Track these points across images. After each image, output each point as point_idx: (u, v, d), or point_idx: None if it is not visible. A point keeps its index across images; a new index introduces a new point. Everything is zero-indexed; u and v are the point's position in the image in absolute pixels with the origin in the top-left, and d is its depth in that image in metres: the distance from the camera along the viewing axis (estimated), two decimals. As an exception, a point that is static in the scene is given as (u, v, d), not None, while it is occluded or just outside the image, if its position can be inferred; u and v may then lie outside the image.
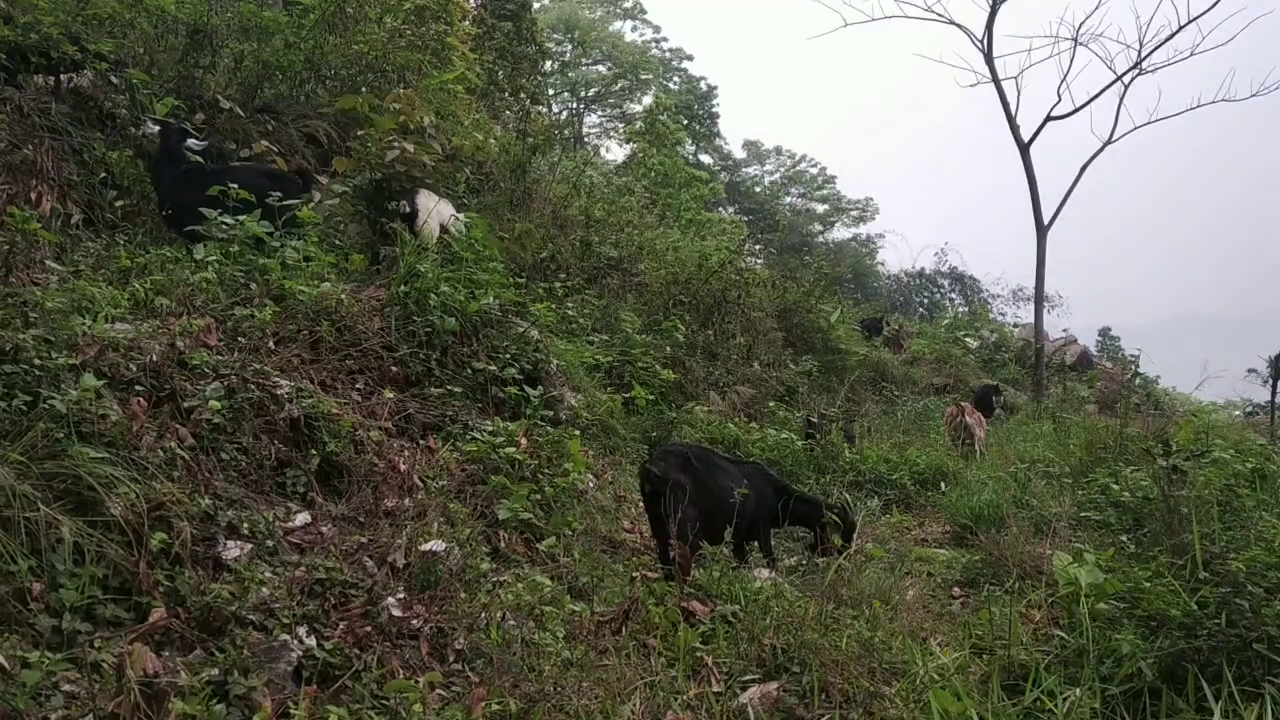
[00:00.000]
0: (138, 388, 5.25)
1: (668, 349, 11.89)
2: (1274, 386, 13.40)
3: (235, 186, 7.56)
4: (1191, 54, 18.74)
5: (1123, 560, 6.33)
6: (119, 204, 8.53)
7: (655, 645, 5.32)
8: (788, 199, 53.86)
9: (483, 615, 4.98)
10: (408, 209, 8.41)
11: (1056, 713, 4.63)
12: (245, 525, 4.91)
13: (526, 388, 7.75)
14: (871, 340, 20.58)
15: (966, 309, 34.00)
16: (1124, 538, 7.06)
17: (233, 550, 4.74)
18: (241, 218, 7.30)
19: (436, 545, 5.40)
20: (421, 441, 6.75)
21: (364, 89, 10.47)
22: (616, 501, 8.27)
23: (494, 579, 5.55)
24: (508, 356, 7.88)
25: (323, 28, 10.98)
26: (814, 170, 54.24)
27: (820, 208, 53.99)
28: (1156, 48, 19.03)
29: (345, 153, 9.16)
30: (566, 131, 39.42)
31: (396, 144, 8.68)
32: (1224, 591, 5.15)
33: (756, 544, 7.42)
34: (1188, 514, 6.14)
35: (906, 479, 10.57)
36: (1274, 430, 11.19)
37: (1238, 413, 20.34)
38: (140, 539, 4.32)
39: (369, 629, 4.62)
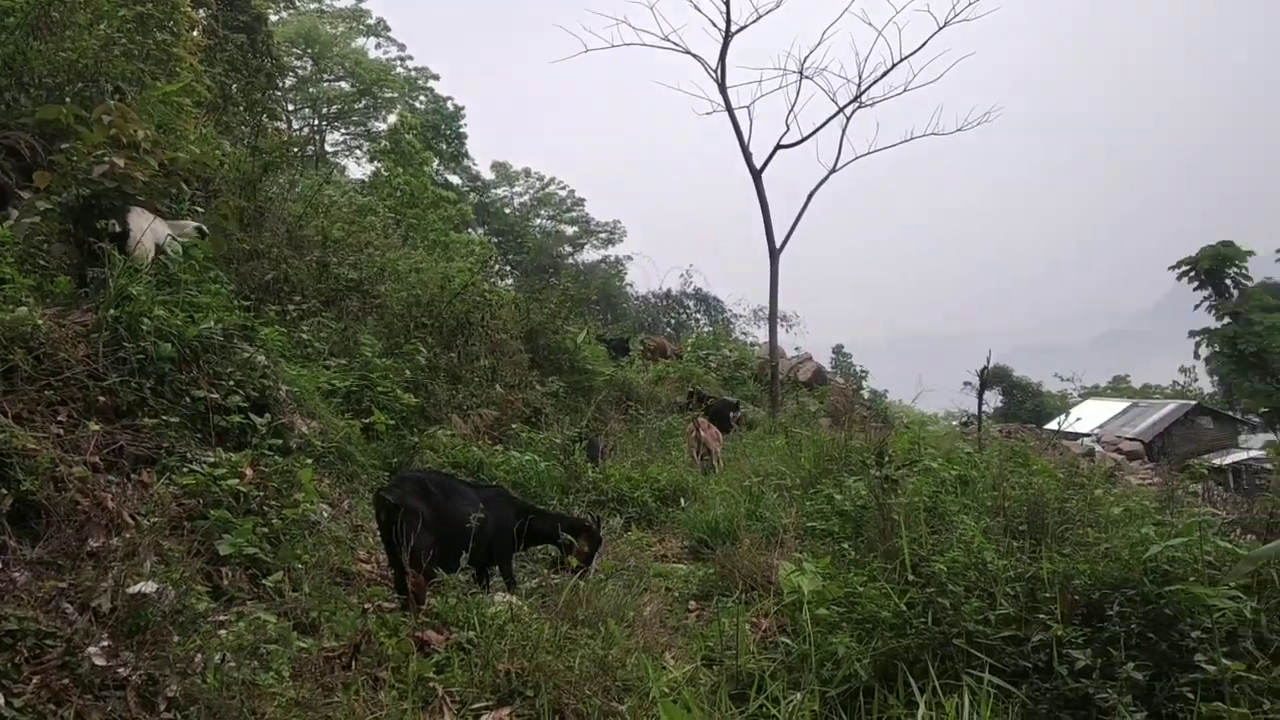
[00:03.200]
0: None
1: (408, 372, 11.65)
2: (980, 398, 14.49)
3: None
4: (905, 90, 20.19)
5: (842, 567, 6.67)
6: None
7: (387, 678, 5.17)
8: (537, 221, 54.19)
9: (198, 658, 4.69)
10: (118, 228, 7.85)
11: (779, 717, 4.82)
12: (-81, 576, 4.44)
13: (253, 416, 7.40)
14: (618, 360, 20.91)
15: (710, 329, 35.14)
16: (845, 545, 7.43)
17: (-97, 605, 4.27)
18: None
19: (147, 586, 5.04)
20: (134, 476, 6.31)
21: (69, 99, 9.68)
22: (353, 531, 8.01)
23: (214, 619, 5.26)
24: (232, 383, 7.50)
25: (25, 31, 10.14)
26: (563, 192, 54.87)
27: (570, 230, 54.61)
28: (873, 83, 20.44)
29: (49, 167, 8.45)
30: (308, 149, 38.18)
31: (106, 158, 8.11)
32: (929, 592, 5.51)
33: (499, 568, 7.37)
34: (899, 520, 6.50)
35: (648, 496, 10.77)
36: (980, 439, 12.08)
37: (954, 423, 21.93)
38: None
39: (66, 681, 4.26)
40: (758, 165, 20.15)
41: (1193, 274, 40.49)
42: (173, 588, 5.17)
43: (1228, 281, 40.03)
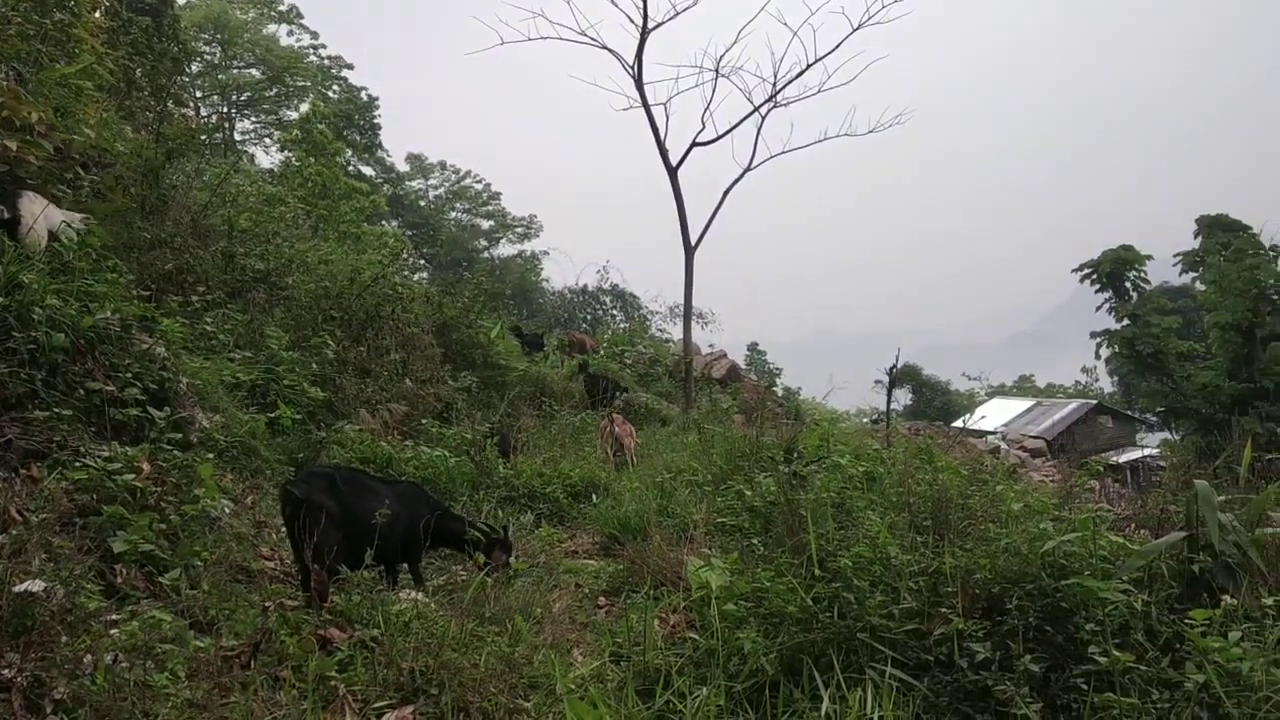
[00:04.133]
0: None
1: (315, 366, 11.44)
2: (889, 395, 14.73)
3: None
4: (819, 90, 20.36)
5: (751, 562, 6.71)
6: None
7: (287, 677, 5.06)
8: (453, 214, 53.65)
9: (88, 659, 4.54)
10: (7, 214, 7.57)
11: (685, 713, 4.82)
12: None
13: (151, 409, 7.19)
14: (532, 355, 20.80)
15: (626, 325, 35.15)
16: (755, 541, 7.47)
17: None
18: None
19: (35, 585, 4.87)
20: (22, 471, 6.09)
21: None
22: (256, 527, 7.83)
23: (105, 619, 5.10)
24: (129, 375, 7.28)
25: (-88, 8, 9.74)
26: (479, 186, 54.41)
27: (486, 224, 54.19)
28: (788, 83, 20.56)
29: (-68, 148, 8.12)
30: (216, 136, 37.32)
31: (-2, 140, 7.82)
32: (835, 587, 5.56)
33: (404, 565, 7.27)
34: (807, 516, 6.56)
35: (560, 492, 10.72)
36: (889, 435, 12.27)
37: (865, 420, 22.25)
38: None
39: (-57, 686, 4.10)
40: (674, 162, 20.14)
41: (1094, 277, 41.62)
42: (62, 586, 5.00)
43: (1127, 285, 41.24)
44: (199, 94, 38.43)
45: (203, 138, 23.67)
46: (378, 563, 6.46)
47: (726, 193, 20.64)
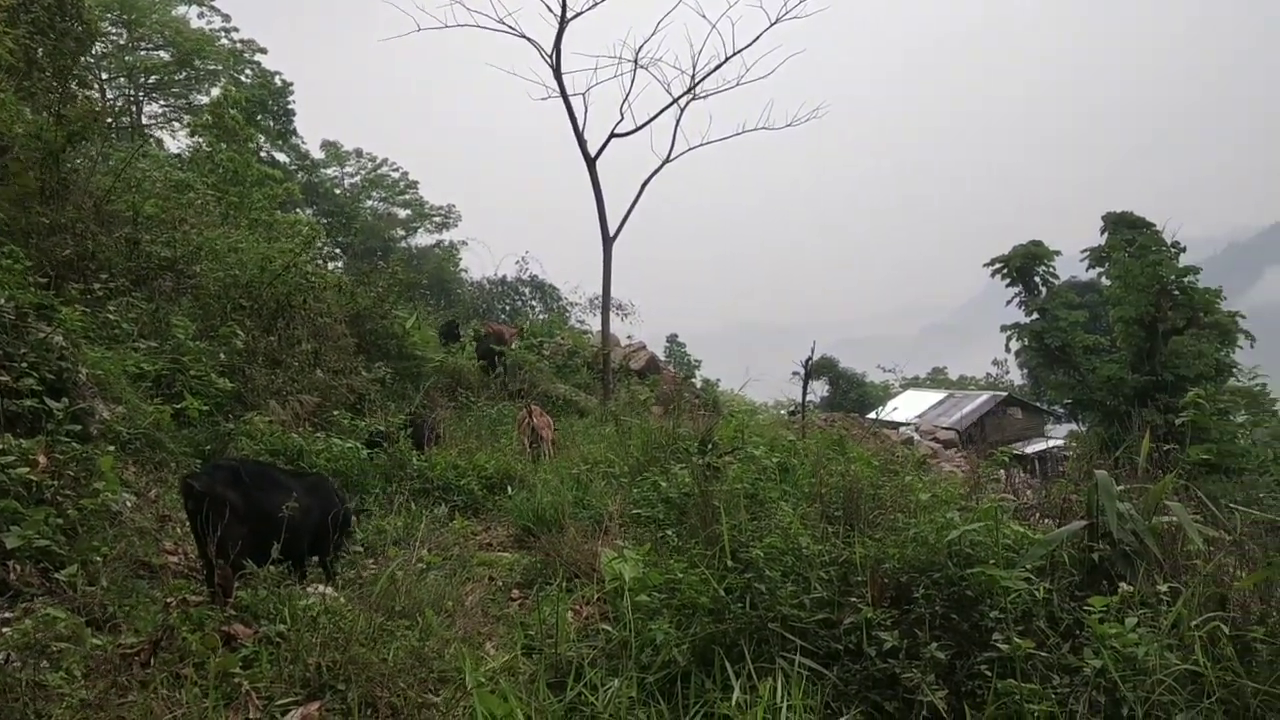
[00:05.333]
0: None
1: (224, 356, 11.17)
2: (805, 387, 14.86)
3: None
4: (738, 83, 20.47)
5: (665, 553, 6.72)
6: None
7: (189, 675, 4.93)
8: (369, 202, 52.80)
9: (-26, 660, 4.38)
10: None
11: (597, 705, 4.81)
12: None
13: (48, 400, 6.96)
14: (448, 346, 20.59)
15: (546, 316, 34.98)
16: (669, 532, 7.49)
17: None
18: None
19: (-80, 583, 4.70)
20: (-93, 464, 5.86)
21: None
22: (160, 522, 7.65)
23: (-3, 616, 4.93)
24: (24, 365, 7.04)
25: None
26: (396, 174, 53.59)
27: (402, 213, 53.44)
28: (706, 75, 20.65)
29: None
30: (123, 120, 36.25)
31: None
32: (747, 577, 5.59)
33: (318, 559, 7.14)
34: (720, 507, 6.59)
35: (475, 484, 10.63)
36: (804, 427, 12.37)
37: (782, 412, 22.45)
38: None
39: None
40: (592, 153, 20.12)
41: (1005, 271, 42.41)
42: (-52, 584, 4.83)
43: (1037, 279, 42.06)
44: (104, 76, 37.25)
45: (108, 121, 22.90)
46: (286, 557, 6.34)
47: (645, 184, 20.67)
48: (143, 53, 39.26)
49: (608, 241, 20.11)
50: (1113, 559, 5.41)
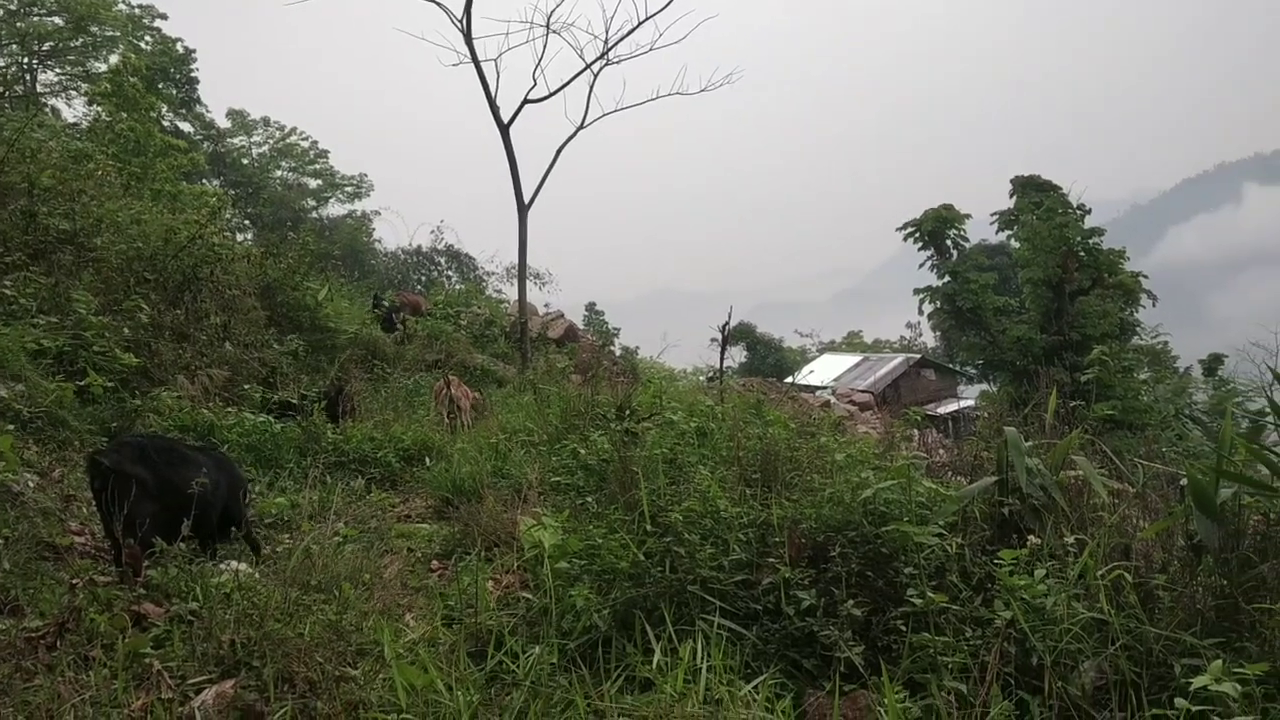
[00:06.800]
0: None
1: (128, 331, 10.86)
2: (722, 353, 14.92)
3: None
4: (651, 49, 20.35)
5: (584, 520, 6.71)
6: None
7: (98, 656, 4.81)
8: (278, 172, 51.60)
9: None
10: None
11: (518, 672, 4.79)
12: None
13: (-62, 379, 6.69)
14: (389, 333, 20.23)
15: (462, 286, 34.63)
16: (589, 499, 7.48)
17: None
18: None
19: None
20: None
21: None
22: (64, 502, 7.44)
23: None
24: (-87, 343, 6.76)
25: None
26: (306, 144, 52.39)
27: (313, 182, 52.33)
28: (620, 40, 20.48)
29: None
30: (17, 88, 34.89)
31: None
32: (666, 541, 5.61)
33: (236, 531, 7.00)
34: (639, 472, 6.59)
35: (392, 456, 10.50)
36: (721, 392, 12.43)
37: (701, 378, 22.55)
38: None
39: None
40: (505, 120, 19.89)
41: (917, 235, 42.99)
42: None
43: (948, 242, 42.74)
44: (-7, 42, 35.80)
45: (-1, 89, 22.05)
46: (198, 533, 6.20)
47: (560, 151, 20.51)
48: (35, 18, 37.75)
49: (523, 209, 19.93)
50: (1022, 513, 5.54)
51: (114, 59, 35.46)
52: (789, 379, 34.61)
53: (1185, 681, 3.84)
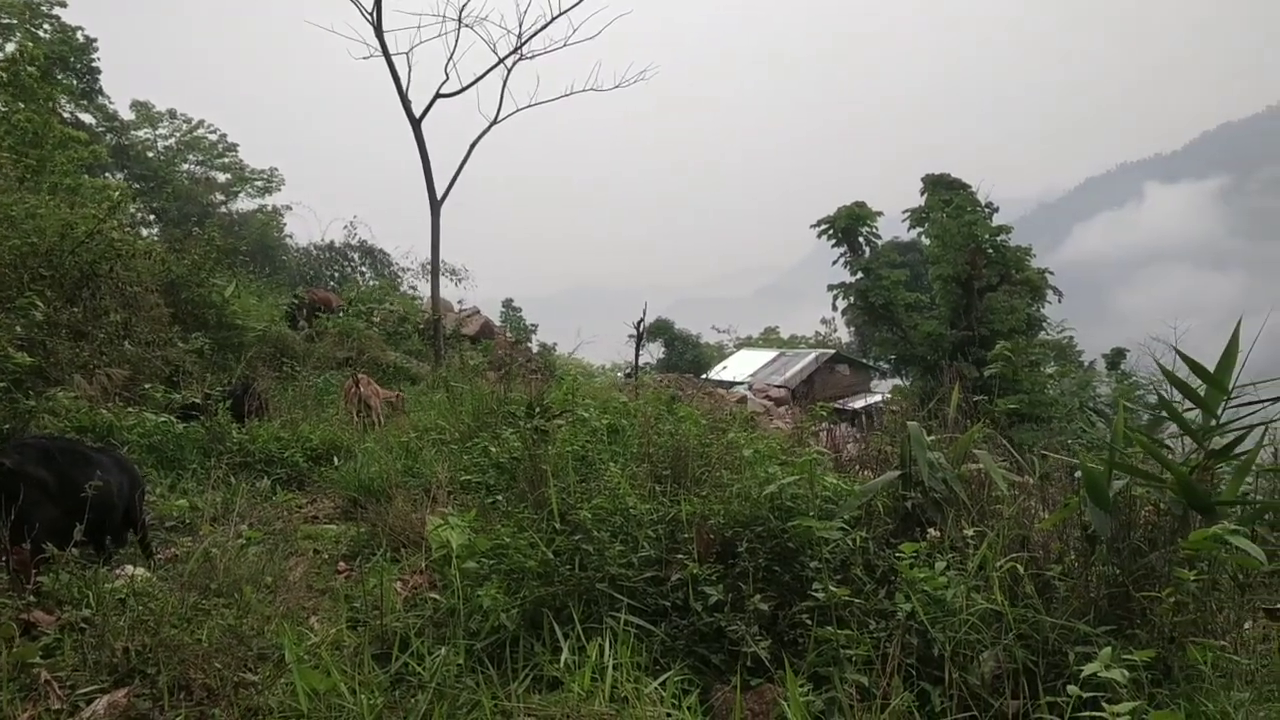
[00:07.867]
0: None
1: (20, 329, 10.48)
2: (637, 349, 14.97)
3: None
4: (565, 44, 20.30)
5: (493, 519, 6.66)
6: None
7: (-17, 668, 4.63)
8: (185, 166, 50.33)
9: None
10: None
11: (424, 674, 4.73)
12: None
13: None
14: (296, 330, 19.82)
15: (376, 282, 34.15)
16: (499, 497, 7.43)
17: None
18: None
19: None
20: None
21: None
22: (-50, 508, 7.12)
23: None
24: None
25: None
26: (214, 136, 51.20)
27: (222, 176, 51.15)
28: (533, 35, 20.40)
29: None
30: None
31: None
32: (575, 539, 5.59)
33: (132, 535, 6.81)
34: (548, 470, 6.56)
35: (299, 456, 10.31)
36: (636, 389, 12.46)
37: (619, 374, 22.56)
38: None
39: None
40: (417, 114, 19.68)
41: (830, 232, 43.44)
42: None
43: (861, 240, 43.27)
44: (-117, 30, 34.38)
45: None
46: (101, 536, 6.03)
47: (473, 146, 20.38)
48: (-77, 4, 36.32)
49: (435, 205, 19.75)
50: (924, 506, 5.64)
51: (10, 47, 34.27)
52: (705, 375, 34.81)
53: (1078, 669, 3.94)
